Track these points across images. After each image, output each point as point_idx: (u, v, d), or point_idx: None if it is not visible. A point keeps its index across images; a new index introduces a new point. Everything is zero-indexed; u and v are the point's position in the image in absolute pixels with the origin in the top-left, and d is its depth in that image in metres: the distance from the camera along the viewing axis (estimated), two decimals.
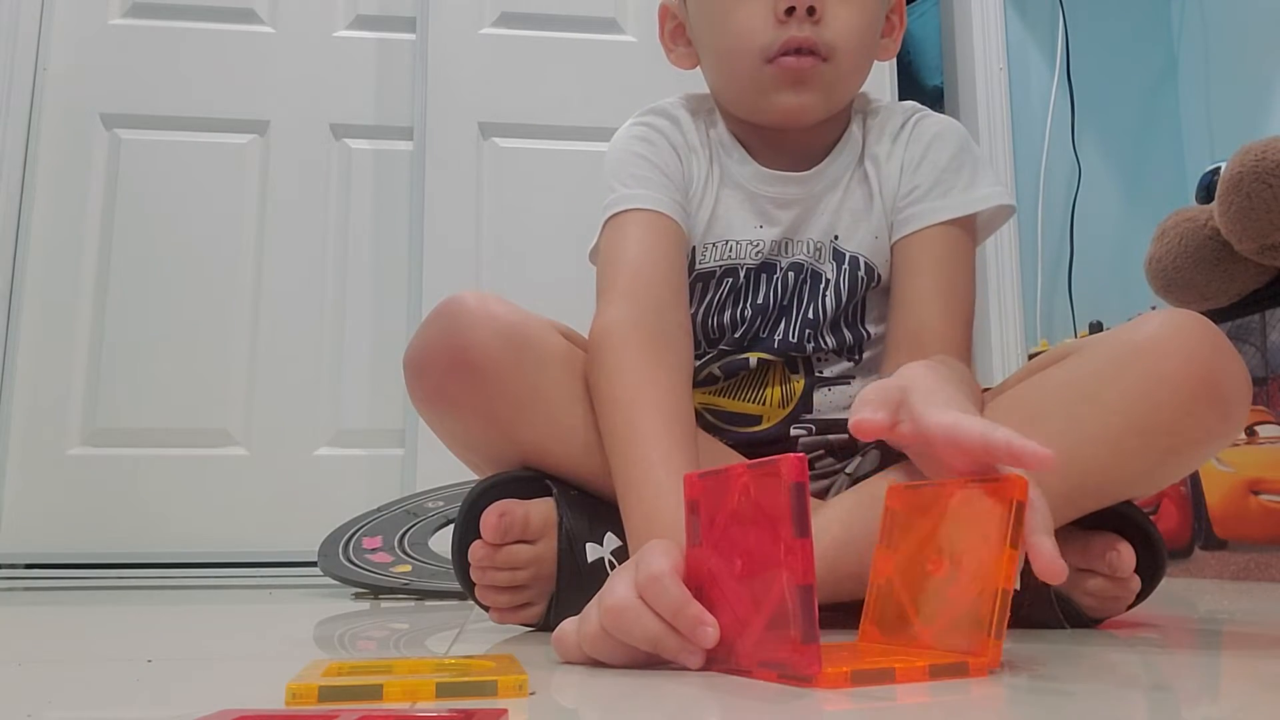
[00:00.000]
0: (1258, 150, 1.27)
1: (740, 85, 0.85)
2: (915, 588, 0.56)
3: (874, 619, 0.58)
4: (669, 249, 0.83)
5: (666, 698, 0.49)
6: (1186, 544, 1.42)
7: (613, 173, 0.87)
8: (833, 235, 0.87)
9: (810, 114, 0.85)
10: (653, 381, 0.73)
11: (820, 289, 0.86)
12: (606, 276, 0.83)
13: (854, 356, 0.87)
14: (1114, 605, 0.76)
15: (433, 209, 1.87)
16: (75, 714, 0.49)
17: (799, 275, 0.86)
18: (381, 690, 0.46)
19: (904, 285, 0.84)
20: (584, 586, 0.72)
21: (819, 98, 0.84)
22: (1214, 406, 0.68)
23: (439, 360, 0.76)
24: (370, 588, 1.23)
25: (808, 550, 0.47)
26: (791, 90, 0.82)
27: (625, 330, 0.76)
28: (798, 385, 0.86)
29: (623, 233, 0.84)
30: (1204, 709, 0.50)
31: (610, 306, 0.79)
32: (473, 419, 0.77)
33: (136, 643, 0.82)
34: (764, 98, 0.84)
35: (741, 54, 0.83)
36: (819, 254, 0.87)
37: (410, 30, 1.96)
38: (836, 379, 0.86)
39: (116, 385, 1.80)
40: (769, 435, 0.86)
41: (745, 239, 0.87)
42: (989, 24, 2.04)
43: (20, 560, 1.73)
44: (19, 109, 1.84)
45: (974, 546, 0.53)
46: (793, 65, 0.81)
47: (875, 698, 0.46)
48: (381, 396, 1.84)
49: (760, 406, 0.87)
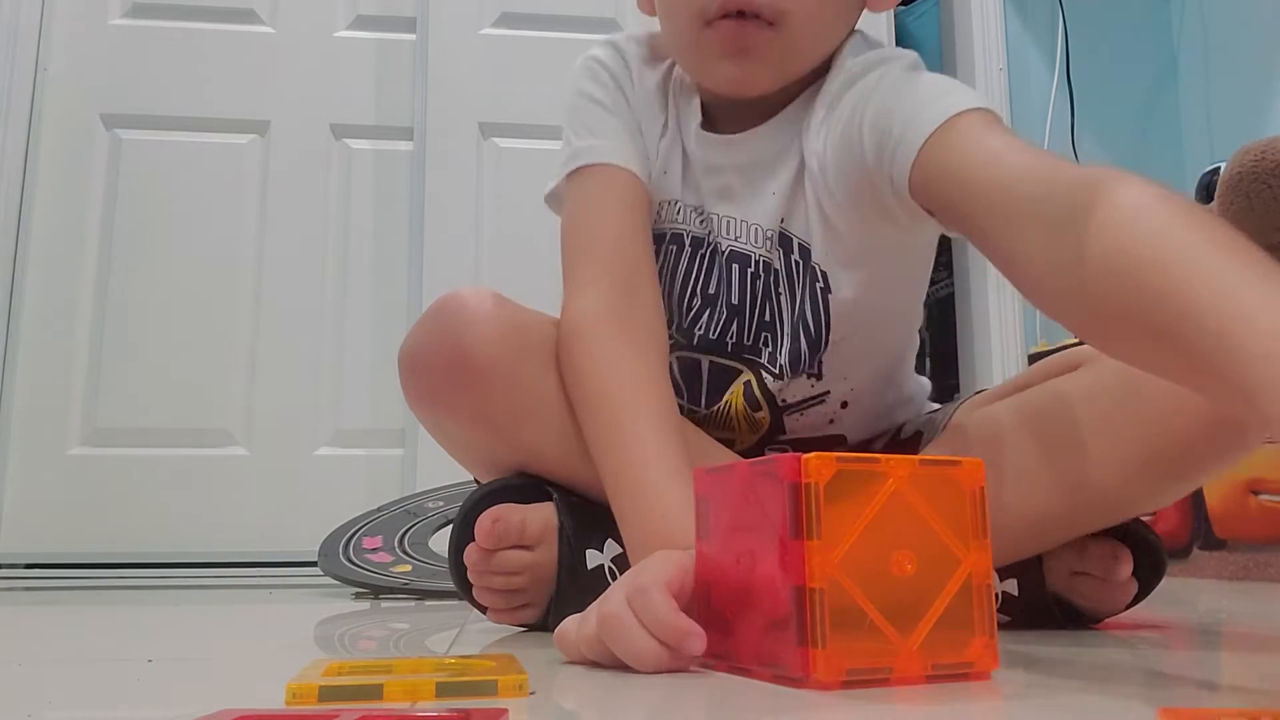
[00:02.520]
0: (1257, 150, 1.27)
1: (681, 48, 0.78)
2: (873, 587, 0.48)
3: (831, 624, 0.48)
4: (633, 214, 0.77)
5: (665, 698, 0.49)
6: (1186, 544, 1.42)
7: (567, 120, 0.81)
8: (779, 218, 0.77)
9: (756, 86, 0.75)
10: (634, 375, 0.70)
11: (772, 284, 0.78)
12: (572, 253, 0.77)
13: (814, 371, 0.79)
14: (1112, 606, 0.76)
15: (433, 209, 1.87)
16: (75, 714, 0.49)
17: (745, 267, 0.78)
18: (382, 690, 0.46)
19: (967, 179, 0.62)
20: (584, 593, 0.70)
21: (766, 68, 0.73)
22: (1230, 432, 0.64)
23: (436, 359, 0.73)
24: (370, 587, 1.23)
25: (804, 551, 0.47)
26: (732, 59, 0.72)
27: (597, 319, 0.72)
28: (763, 419, 0.81)
29: (584, 196, 0.78)
30: (1204, 709, 0.50)
31: (579, 294, 0.74)
32: (469, 420, 0.74)
33: (136, 643, 0.82)
34: (706, 64, 0.75)
35: (678, 13, 0.74)
36: (766, 243, 0.77)
37: (410, 30, 1.96)
38: (805, 401, 0.80)
39: (116, 385, 1.80)
40: (745, 453, 0.83)
41: (685, 202, 0.80)
42: (989, 24, 2.04)
43: (20, 560, 1.73)
44: (19, 109, 1.84)
45: (929, 539, 0.49)
46: (731, 29, 0.71)
47: (871, 699, 0.46)
48: (381, 396, 1.84)
49: (730, 432, 0.83)
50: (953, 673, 0.49)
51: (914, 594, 0.49)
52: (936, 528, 0.49)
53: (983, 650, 0.49)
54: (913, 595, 0.49)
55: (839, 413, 0.82)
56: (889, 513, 0.49)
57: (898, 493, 0.49)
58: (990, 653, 0.49)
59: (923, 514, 0.49)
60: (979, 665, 0.49)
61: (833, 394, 0.80)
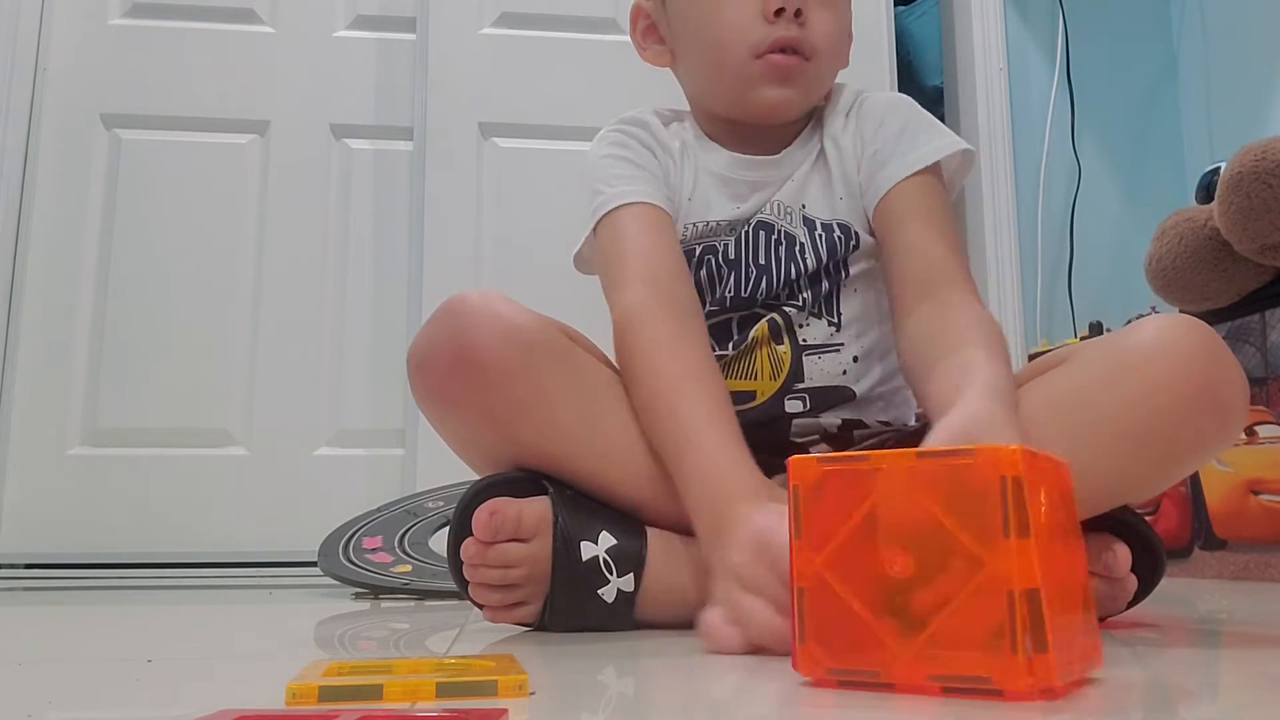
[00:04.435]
0: (1258, 150, 1.27)
1: (726, 79, 0.89)
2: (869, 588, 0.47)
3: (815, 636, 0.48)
4: (667, 236, 0.87)
5: (663, 699, 0.49)
6: (1186, 544, 1.42)
7: (594, 179, 0.90)
8: (800, 204, 0.90)
9: (791, 109, 0.90)
10: (687, 352, 0.78)
11: (796, 251, 0.88)
12: (614, 268, 0.85)
13: (833, 318, 0.88)
14: (1111, 604, 0.76)
15: (433, 209, 1.87)
16: (75, 714, 0.49)
17: (770, 235, 0.89)
18: (381, 690, 0.46)
19: (895, 235, 0.85)
20: (578, 585, 0.73)
21: (799, 94, 0.88)
22: (1211, 413, 0.69)
23: (442, 359, 0.76)
24: (370, 588, 1.23)
25: (801, 552, 0.47)
26: (777, 85, 0.87)
27: (649, 308, 0.80)
28: (784, 354, 0.87)
29: (620, 228, 0.87)
30: (1204, 709, 0.50)
31: (626, 291, 0.82)
32: (474, 418, 0.77)
33: (136, 643, 0.82)
34: (750, 91, 0.88)
35: (731, 48, 0.87)
36: (789, 217, 0.89)
37: (410, 30, 1.95)
38: (823, 346, 0.87)
39: (116, 385, 1.80)
40: (765, 413, 0.86)
41: (723, 218, 0.90)
42: (989, 24, 2.04)
43: (20, 560, 1.73)
44: (19, 109, 1.84)
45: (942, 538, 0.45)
46: (780, 62, 0.86)
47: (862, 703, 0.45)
48: (381, 396, 1.84)
49: (753, 381, 0.87)
50: (973, 687, 0.43)
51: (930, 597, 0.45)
52: (947, 525, 0.44)
53: (1017, 670, 0.42)
54: (929, 599, 0.45)
55: (851, 366, 0.88)
56: (891, 511, 0.46)
57: (891, 491, 0.46)
58: (1029, 674, 0.42)
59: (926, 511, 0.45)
60: (1009, 686, 0.42)
61: (846, 347, 0.88)
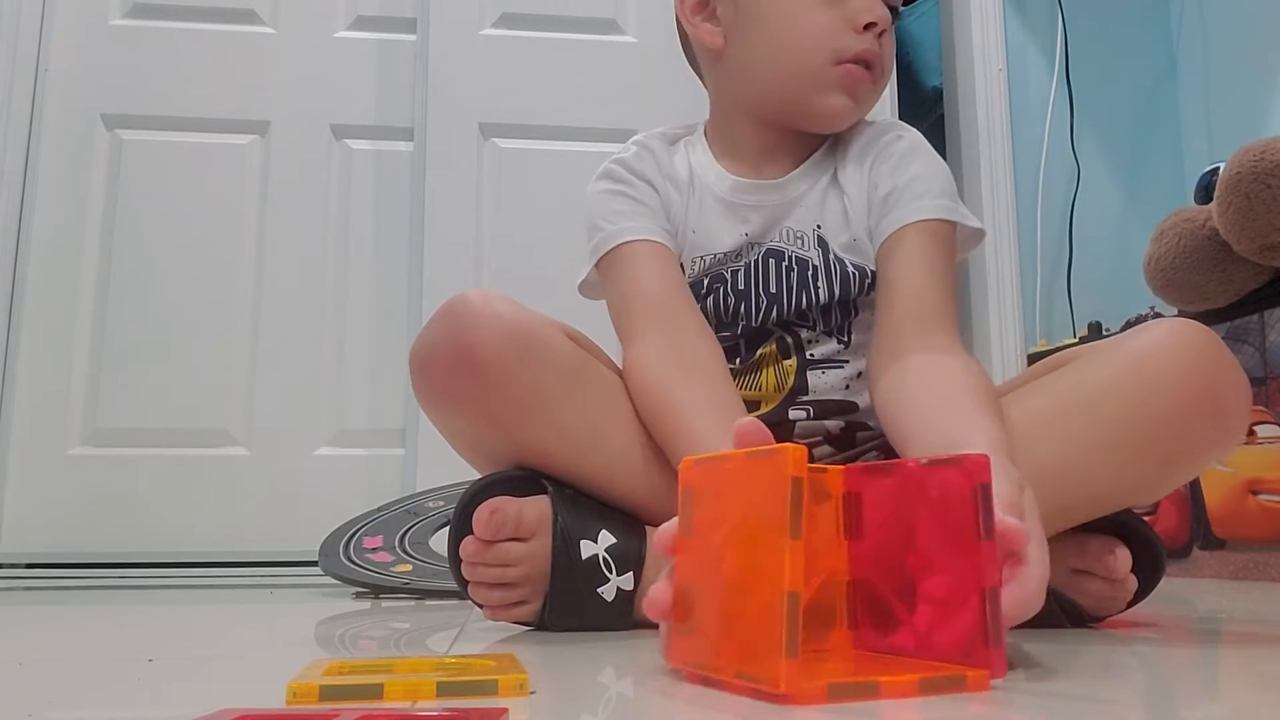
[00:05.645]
0: (1256, 150, 1.27)
1: (796, 78, 0.88)
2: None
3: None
4: (673, 275, 0.87)
5: (664, 699, 0.49)
6: (1185, 544, 1.42)
7: (594, 216, 0.89)
8: (815, 224, 0.89)
9: (848, 119, 0.90)
10: (695, 388, 0.78)
11: (809, 275, 0.87)
12: (624, 317, 0.86)
13: (843, 338, 0.88)
14: (1112, 604, 0.76)
15: (433, 209, 1.87)
16: (75, 714, 0.49)
17: (780, 262, 0.88)
18: (382, 689, 0.46)
19: (894, 270, 0.84)
20: (577, 583, 0.74)
21: (859, 106, 0.89)
22: (1211, 418, 0.69)
23: (443, 358, 0.76)
24: (371, 587, 1.23)
25: (799, 552, 0.43)
26: (845, 94, 0.87)
27: (659, 356, 0.81)
28: (790, 368, 0.87)
29: (625, 268, 0.87)
30: (1203, 709, 0.50)
31: (636, 343, 0.83)
32: (476, 417, 0.77)
33: (136, 643, 0.82)
34: (818, 95, 0.88)
35: (814, 50, 0.87)
36: (801, 241, 0.88)
37: (410, 31, 1.96)
38: (828, 361, 0.87)
39: (116, 385, 1.80)
40: (768, 419, 0.86)
41: (729, 249, 0.89)
42: (988, 25, 2.04)
43: (20, 560, 1.73)
44: (20, 110, 1.84)
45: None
46: (857, 73, 0.87)
47: (856, 714, 0.43)
48: (382, 396, 1.84)
49: (757, 392, 0.88)
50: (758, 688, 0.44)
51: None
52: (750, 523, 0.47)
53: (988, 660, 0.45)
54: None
55: (854, 380, 0.87)
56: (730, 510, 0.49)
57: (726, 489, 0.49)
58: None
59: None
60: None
61: (851, 363, 0.87)
